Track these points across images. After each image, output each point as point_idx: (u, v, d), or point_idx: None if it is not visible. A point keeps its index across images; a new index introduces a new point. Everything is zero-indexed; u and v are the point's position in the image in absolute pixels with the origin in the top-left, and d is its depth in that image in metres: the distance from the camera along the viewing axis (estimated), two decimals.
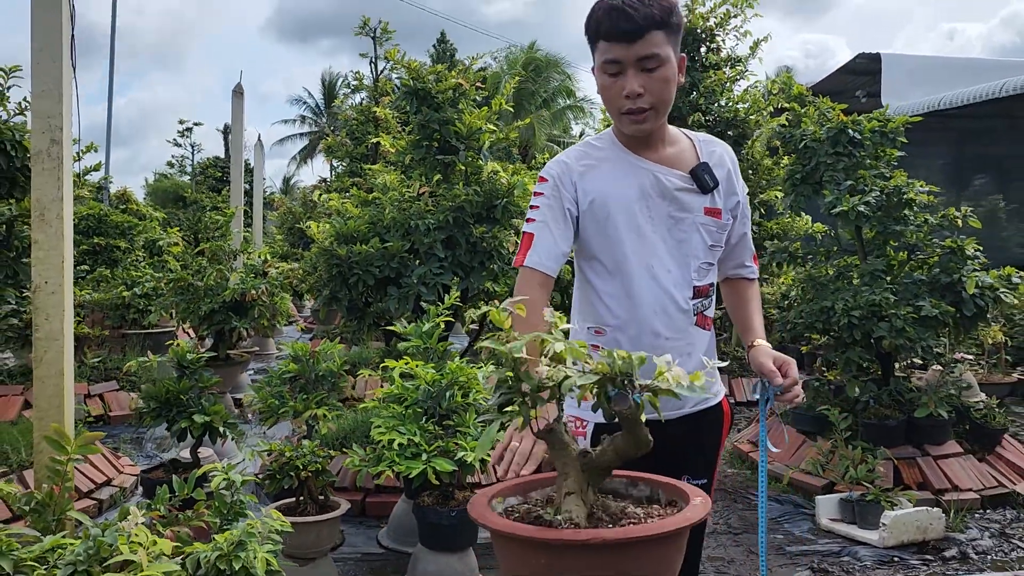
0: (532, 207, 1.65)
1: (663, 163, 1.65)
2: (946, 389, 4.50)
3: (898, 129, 4.68)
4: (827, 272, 4.74)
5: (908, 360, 5.00)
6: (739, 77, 7.56)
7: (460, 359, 3.20)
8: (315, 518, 2.93)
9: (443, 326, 3.33)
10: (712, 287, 1.72)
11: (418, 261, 5.04)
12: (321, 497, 3.08)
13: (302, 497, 3.04)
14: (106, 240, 8.03)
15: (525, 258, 1.59)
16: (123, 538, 1.81)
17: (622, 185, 1.63)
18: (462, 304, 4.82)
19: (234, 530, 1.95)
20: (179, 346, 3.85)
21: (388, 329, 4.28)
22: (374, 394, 3.29)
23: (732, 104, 7.47)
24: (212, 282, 5.93)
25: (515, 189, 4.87)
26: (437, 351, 3.30)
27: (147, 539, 1.77)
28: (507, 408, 1.13)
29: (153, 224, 9.62)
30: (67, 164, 3.25)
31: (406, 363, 3.08)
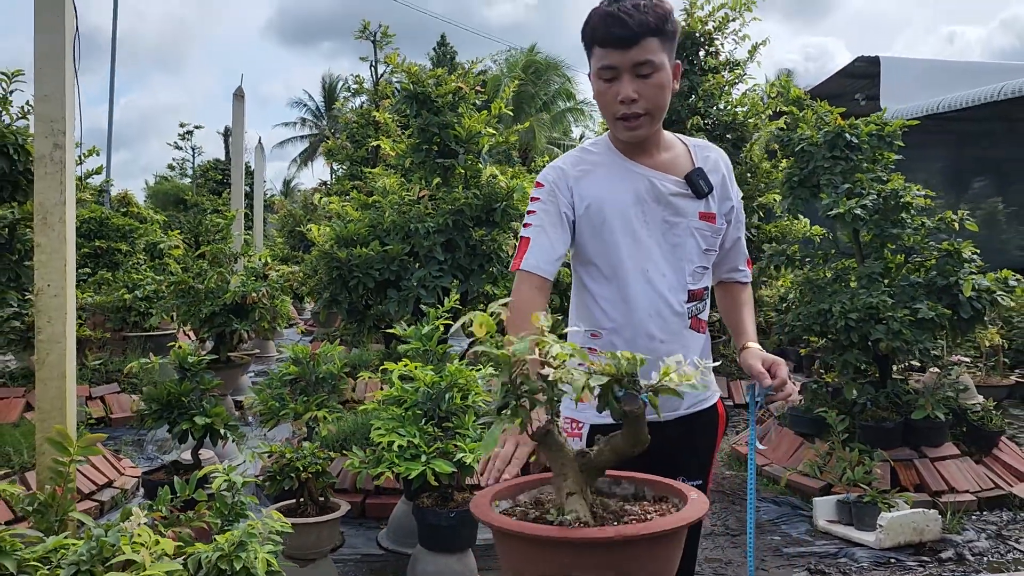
0: (529, 212, 1.68)
1: (658, 168, 1.68)
2: (943, 391, 4.52)
3: (895, 133, 4.71)
4: (825, 275, 4.76)
5: (906, 362, 5.02)
6: (737, 81, 7.59)
7: (459, 361, 3.22)
8: (315, 519, 2.96)
9: (443, 329, 3.36)
10: (706, 291, 1.74)
11: (418, 264, 5.07)
12: (321, 498, 3.10)
13: (302, 498, 3.06)
14: (107, 243, 8.06)
15: (521, 262, 1.62)
16: (125, 539, 1.83)
17: (618, 190, 1.65)
18: (462, 307, 4.84)
19: (235, 531, 1.97)
20: (180, 348, 3.87)
21: (388, 332, 4.30)
22: (374, 396, 3.31)
23: (731, 107, 7.50)
24: (213, 285, 5.96)
25: (514, 192, 4.90)
26: (436, 353, 3.32)
27: (150, 539, 1.80)
28: (503, 410, 1.14)
29: (154, 227, 9.64)
30: (70, 168, 3.28)
31: (405, 365, 3.11)
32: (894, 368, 4.76)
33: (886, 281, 4.47)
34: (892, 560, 3.50)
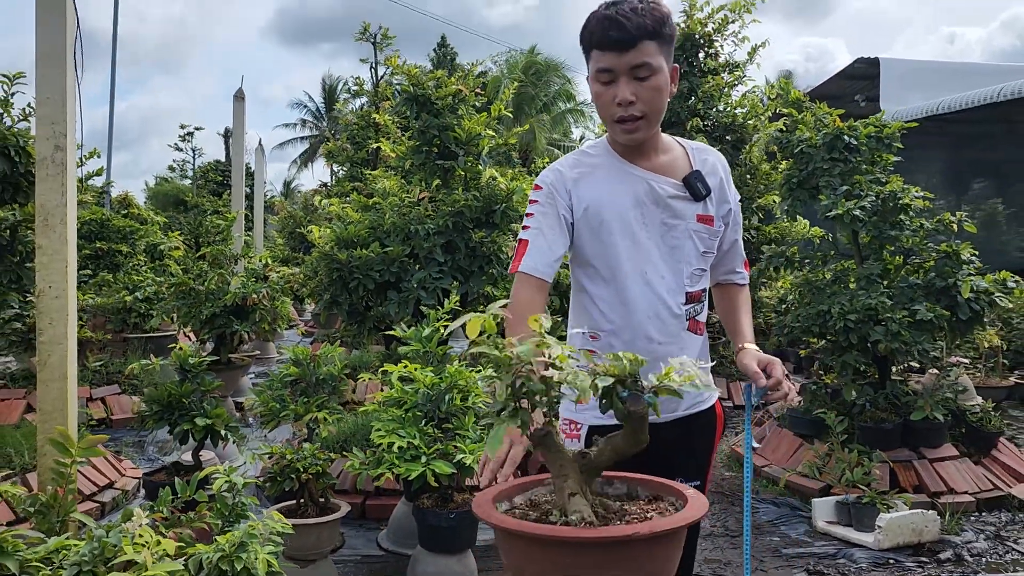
0: (527, 215, 1.69)
1: (656, 171, 1.69)
2: (942, 393, 4.53)
3: (894, 135, 4.72)
4: (824, 276, 4.77)
5: (905, 364, 5.03)
6: (737, 82, 7.61)
7: (459, 363, 3.23)
8: (315, 520, 2.96)
9: (443, 330, 3.37)
10: (704, 293, 1.75)
11: (418, 266, 5.08)
12: (321, 499, 3.11)
13: (303, 499, 3.07)
14: (108, 245, 8.07)
15: (519, 264, 1.63)
16: (127, 539, 1.84)
17: (616, 192, 1.66)
18: (462, 308, 4.86)
19: (236, 532, 1.98)
20: (181, 350, 3.88)
21: (388, 333, 4.31)
22: (374, 397, 3.32)
23: (730, 109, 7.52)
24: (213, 286, 5.97)
25: (514, 194, 4.91)
26: (436, 355, 3.33)
27: (152, 539, 1.81)
28: (503, 412, 1.15)
29: (154, 228, 9.65)
30: (71, 170, 3.29)
31: (405, 367, 3.12)
32: (893, 369, 4.77)
33: (885, 282, 4.48)
34: (891, 561, 3.51)
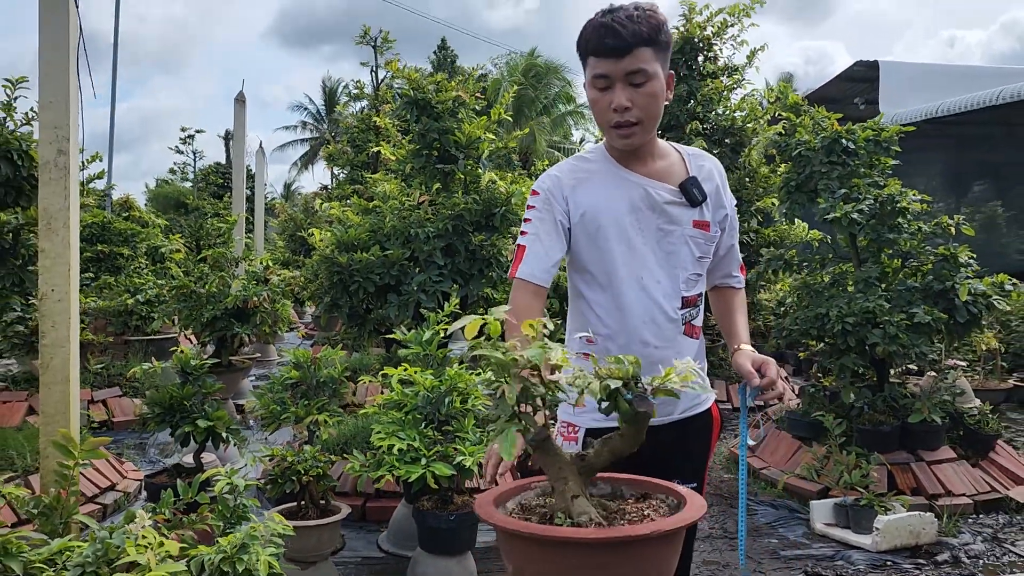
0: (525, 220, 1.71)
1: (653, 177, 1.71)
2: (940, 395, 4.55)
3: (892, 138, 4.75)
4: (822, 279, 4.79)
5: (903, 366, 5.05)
6: (736, 86, 7.63)
7: (459, 365, 3.25)
8: (316, 522, 2.98)
9: (443, 333, 3.39)
10: (700, 297, 1.77)
11: (418, 269, 5.10)
12: (322, 501, 3.13)
13: (303, 501, 3.09)
14: (109, 247, 8.09)
15: (517, 270, 1.66)
16: (130, 541, 1.86)
17: (613, 198, 1.68)
18: (462, 311, 4.88)
19: (237, 533, 2.00)
20: (183, 353, 3.90)
21: (388, 336, 4.34)
22: (374, 400, 3.34)
23: (729, 112, 7.54)
24: (214, 289, 5.99)
25: (513, 197, 4.93)
26: (436, 358, 3.35)
27: (155, 541, 1.83)
28: (512, 416, 1.16)
29: (155, 231, 9.68)
30: (74, 173, 3.31)
31: (405, 370, 3.14)
32: (891, 372, 4.78)
33: (883, 285, 4.50)
34: (888, 563, 3.53)
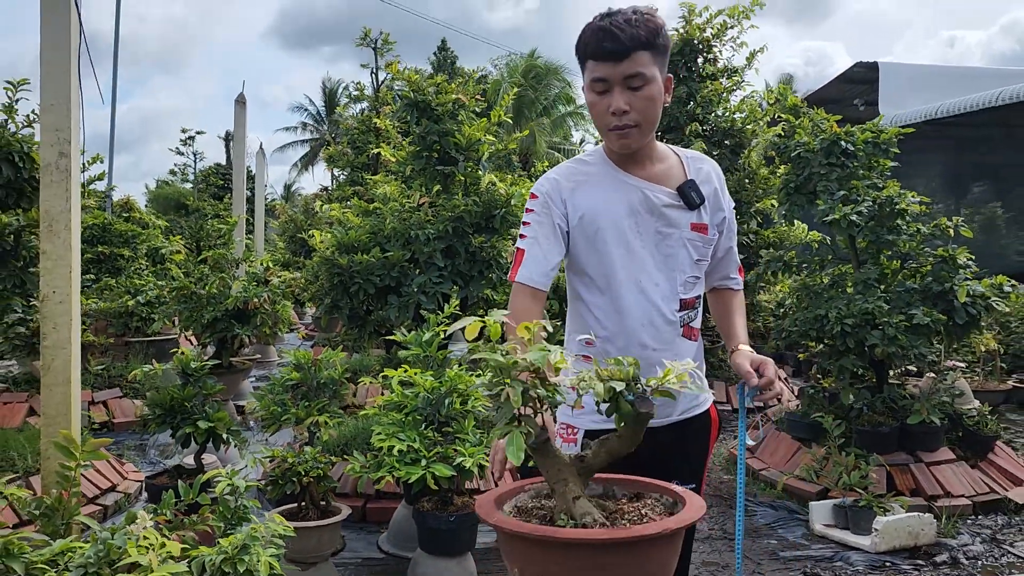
0: (524, 224, 1.72)
1: (651, 180, 1.72)
2: (939, 396, 4.56)
3: (891, 140, 4.76)
4: (821, 281, 4.80)
5: (902, 367, 5.06)
6: (735, 88, 7.64)
7: (459, 367, 3.26)
8: (317, 523, 2.99)
9: (443, 335, 3.40)
10: (698, 299, 1.78)
11: (418, 270, 5.12)
12: (323, 503, 3.14)
13: (304, 503, 3.10)
14: (110, 249, 8.11)
15: (517, 274, 1.67)
16: (131, 542, 1.87)
17: (611, 201, 1.69)
18: (462, 312, 4.89)
19: (238, 534, 2.01)
20: (183, 354, 3.91)
21: (389, 338, 4.35)
22: (374, 401, 3.35)
23: (729, 114, 7.55)
24: (215, 290, 6.00)
25: (513, 199, 4.94)
26: (436, 359, 3.37)
27: (157, 541, 1.84)
28: (515, 419, 1.16)
29: (156, 233, 9.69)
30: (75, 175, 3.32)
31: (405, 371, 3.15)
32: (890, 373, 4.79)
33: (882, 287, 4.51)
34: (887, 564, 3.54)
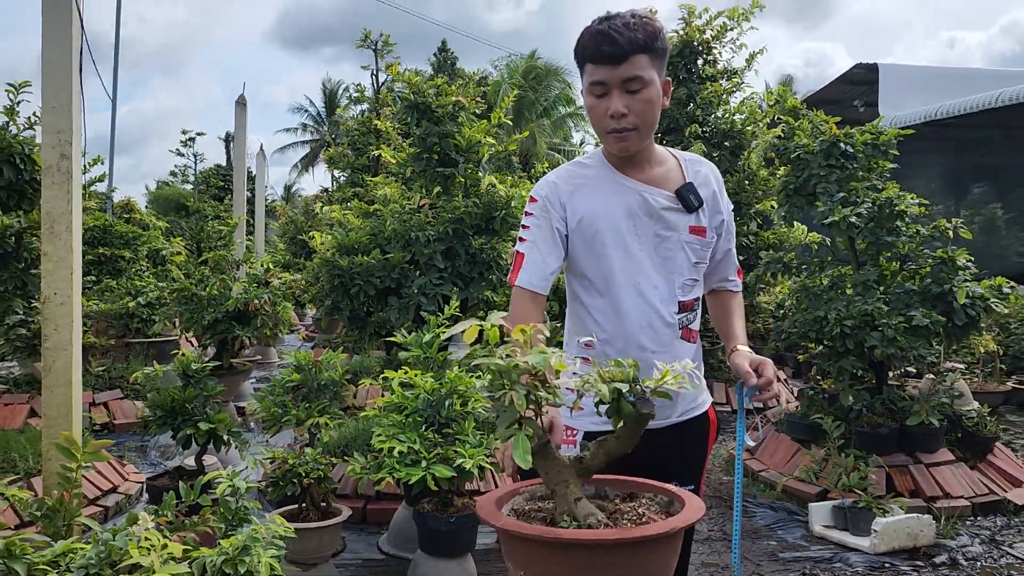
0: (523, 227, 1.73)
1: (650, 183, 1.73)
2: (938, 398, 4.56)
3: (890, 142, 4.77)
4: (821, 282, 4.81)
5: (902, 369, 5.06)
6: (735, 89, 7.65)
7: (459, 368, 3.27)
8: (317, 524, 3.00)
9: (443, 336, 3.40)
10: (697, 301, 1.79)
11: (418, 272, 5.12)
12: (323, 504, 3.15)
13: (304, 504, 3.11)
14: (111, 250, 8.11)
15: (516, 278, 1.69)
16: (133, 543, 1.88)
17: (610, 204, 1.70)
18: (462, 314, 4.90)
19: (239, 535, 2.02)
20: (184, 356, 3.92)
21: (389, 339, 4.36)
22: (375, 403, 3.36)
23: (728, 115, 7.56)
24: (215, 292, 6.01)
25: (513, 201, 4.96)
26: (437, 361, 3.37)
27: (159, 543, 1.84)
28: (520, 421, 1.17)
29: (156, 234, 9.70)
30: (76, 178, 3.33)
31: (406, 372, 3.16)
32: (890, 374, 4.80)
33: (881, 288, 4.52)
34: (886, 565, 3.55)
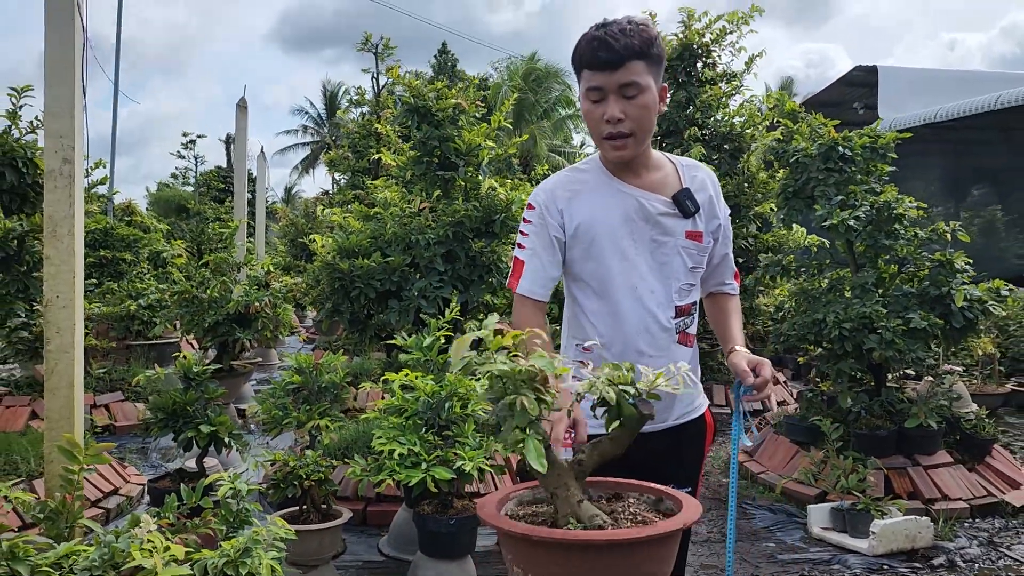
0: (521, 233, 1.75)
1: (646, 188, 1.74)
2: (936, 400, 4.58)
3: (888, 145, 4.78)
4: (820, 285, 4.83)
5: (900, 371, 5.08)
6: (735, 92, 7.68)
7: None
8: (318, 526, 3.02)
9: (443, 339, 3.42)
10: (694, 306, 1.81)
11: (419, 275, 5.14)
12: (324, 506, 3.16)
13: (305, 506, 3.13)
14: (112, 253, 8.13)
15: (518, 286, 1.71)
16: (135, 545, 1.89)
17: (607, 210, 1.72)
18: (462, 317, 4.91)
19: (240, 537, 2.04)
20: (185, 358, 3.94)
21: (389, 342, 4.38)
22: (375, 405, 3.38)
23: (728, 118, 7.58)
24: (216, 294, 6.02)
25: (512, 204, 4.97)
26: (437, 363, 3.39)
27: (161, 545, 1.86)
28: (512, 430, 1.19)
29: (157, 236, 9.72)
30: (78, 181, 3.35)
31: (406, 375, 3.18)
32: (888, 377, 4.82)
33: (880, 291, 4.54)
34: (885, 566, 3.56)
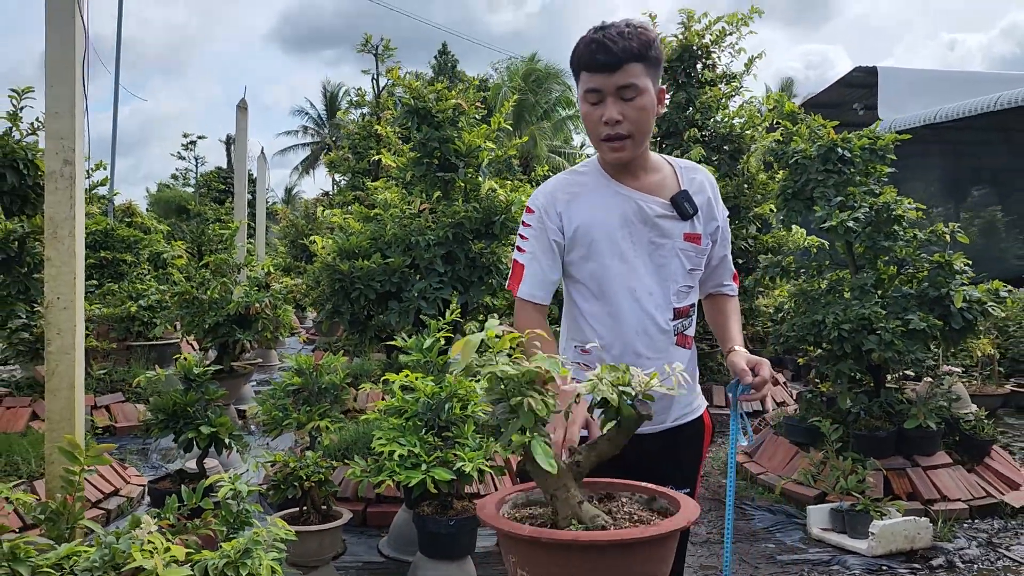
0: (521, 236, 1.76)
1: (645, 191, 1.75)
2: (935, 401, 4.58)
3: (887, 146, 4.79)
4: (819, 286, 4.84)
5: (899, 372, 5.09)
6: (734, 93, 7.68)
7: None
8: (318, 527, 3.02)
9: (443, 341, 3.43)
10: (692, 307, 1.82)
11: (419, 276, 5.15)
12: (324, 507, 3.17)
13: (305, 507, 3.13)
14: (113, 254, 8.14)
15: (518, 290, 1.73)
16: (136, 546, 1.90)
17: (605, 212, 1.73)
18: (462, 318, 4.92)
19: (240, 538, 2.04)
20: (186, 360, 3.95)
21: (389, 343, 4.38)
22: (375, 406, 3.39)
23: (727, 119, 7.59)
24: (216, 295, 6.03)
25: (513, 206, 4.97)
26: (437, 364, 3.40)
27: (162, 546, 1.87)
28: (514, 431, 1.20)
29: (158, 237, 9.73)
30: (79, 183, 3.36)
31: (406, 376, 3.18)
32: (888, 378, 4.82)
33: (879, 292, 4.55)
34: (884, 567, 3.57)
